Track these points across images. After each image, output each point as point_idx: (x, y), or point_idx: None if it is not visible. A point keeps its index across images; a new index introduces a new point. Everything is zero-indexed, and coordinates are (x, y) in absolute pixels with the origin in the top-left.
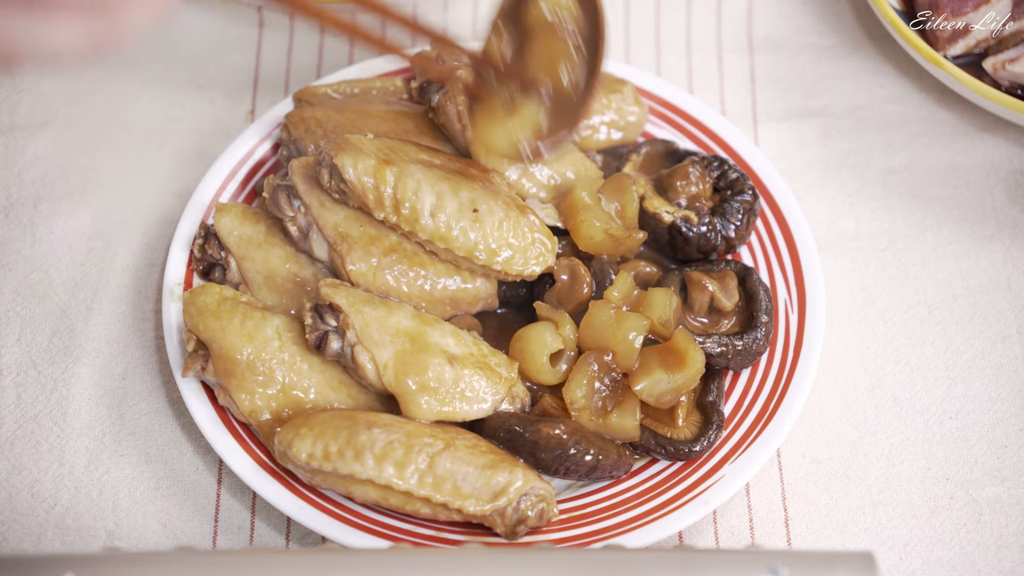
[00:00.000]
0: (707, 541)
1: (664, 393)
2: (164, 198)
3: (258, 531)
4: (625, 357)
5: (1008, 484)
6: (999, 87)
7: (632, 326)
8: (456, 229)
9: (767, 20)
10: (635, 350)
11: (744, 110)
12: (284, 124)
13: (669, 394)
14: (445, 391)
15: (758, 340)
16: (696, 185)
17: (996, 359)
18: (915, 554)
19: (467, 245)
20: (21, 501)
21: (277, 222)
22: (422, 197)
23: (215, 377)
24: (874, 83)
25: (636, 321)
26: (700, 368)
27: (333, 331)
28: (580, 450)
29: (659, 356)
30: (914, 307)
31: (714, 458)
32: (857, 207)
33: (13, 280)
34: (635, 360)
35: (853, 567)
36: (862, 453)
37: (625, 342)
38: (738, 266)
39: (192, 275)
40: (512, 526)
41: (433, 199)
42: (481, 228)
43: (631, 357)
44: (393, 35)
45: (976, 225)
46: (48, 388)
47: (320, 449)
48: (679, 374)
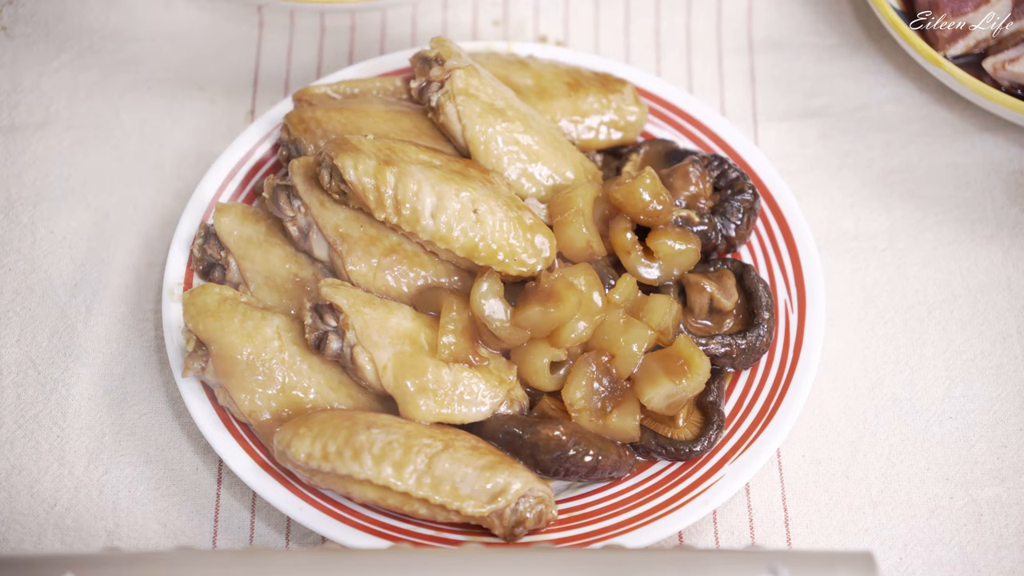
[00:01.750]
0: (707, 541)
1: (671, 401)
2: (164, 198)
3: (258, 531)
4: (625, 363)
5: (1008, 484)
6: (999, 87)
7: (636, 335)
8: (457, 230)
9: (767, 20)
10: (636, 358)
11: (744, 110)
12: (284, 124)
13: (676, 402)
14: (444, 393)
15: (761, 337)
16: (696, 185)
17: (996, 359)
18: (915, 554)
19: (468, 246)
20: (21, 501)
21: (277, 222)
22: (423, 198)
23: (215, 377)
24: (874, 83)
25: (641, 331)
26: (706, 374)
27: (333, 331)
28: (579, 451)
29: (662, 364)
30: (914, 307)
31: (714, 458)
32: (857, 207)
33: (13, 280)
34: (634, 367)
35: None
36: (862, 453)
37: (627, 349)
38: (735, 264)
39: (192, 275)
40: (510, 528)
41: (434, 200)
42: (482, 228)
43: (631, 364)
44: (392, 33)
45: (976, 225)
46: (48, 388)
47: (319, 449)
48: (686, 381)
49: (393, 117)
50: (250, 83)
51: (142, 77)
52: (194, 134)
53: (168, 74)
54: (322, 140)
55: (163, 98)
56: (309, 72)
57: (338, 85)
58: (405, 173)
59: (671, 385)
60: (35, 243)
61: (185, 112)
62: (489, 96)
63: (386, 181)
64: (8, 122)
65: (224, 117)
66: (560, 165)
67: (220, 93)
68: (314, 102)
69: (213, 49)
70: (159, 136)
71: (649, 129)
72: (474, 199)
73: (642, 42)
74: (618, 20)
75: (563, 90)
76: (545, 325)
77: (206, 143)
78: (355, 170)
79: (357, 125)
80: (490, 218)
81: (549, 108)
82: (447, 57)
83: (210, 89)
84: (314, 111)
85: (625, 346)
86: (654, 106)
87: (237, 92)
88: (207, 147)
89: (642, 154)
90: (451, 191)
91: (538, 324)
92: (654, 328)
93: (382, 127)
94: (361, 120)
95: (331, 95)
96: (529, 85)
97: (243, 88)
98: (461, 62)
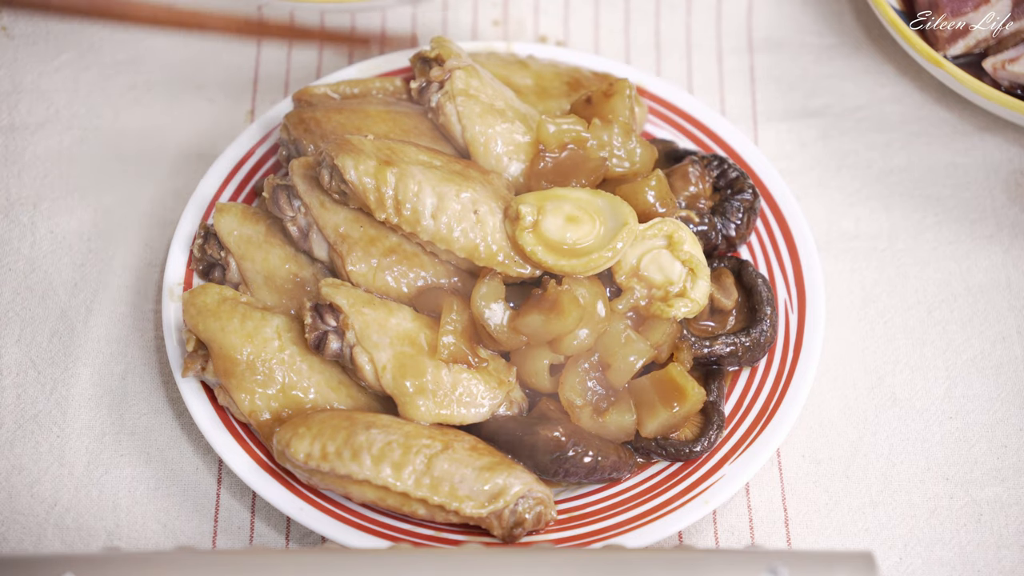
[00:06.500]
0: (707, 541)
1: (670, 426)
2: (164, 198)
3: (258, 531)
4: (619, 374)
5: (1008, 484)
6: (999, 87)
7: (636, 349)
8: (457, 231)
9: (767, 20)
10: (632, 371)
11: (744, 110)
12: (284, 124)
13: (675, 425)
14: (443, 394)
15: (764, 332)
16: (696, 185)
17: (996, 359)
18: (915, 554)
19: (468, 247)
20: (21, 501)
21: (277, 222)
22: (423, 198)
23: (215, 377)
24: (874, 83)
25: (642, 346)
26: (700, 399)
27: (332, 331)
28: (579, 452)
29: (658, 393)
30: (914, 307)
31: (714, 458)
32: (857, 207)
33: (13, 280)
34: (627, 380)
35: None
36: (862, 453)
37: (626, 362)
38: (731, 261)
39: (192, 275)
40: (509, 529)
41: (434, 200)
42: (482, 230)
43: (625, 377)
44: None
45: (976, 225)
46: (48, 388)
47: (318, 449)
48: (681, 408)
49: (393, 117)
50: (250, 83)
51: (142, 77)
52: (194, 134)
53: (168, 74)
54: (322, 140)
55: (163, 98)
56: (309, 72)
57: (338, 85)
58: (406, 174)
59: (667, 413)
60: (35, 243)
61: (185, 112)
62: (489, 97)
63: (386, 181)
64: (8, 122)
65: (224, 117)
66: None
67: (220, 93)
68: (314, 102)
69: (213, 49)
70: (159, 136)
71: (649, 129)
72: (475, 200)
73: (642, 42)
74: (618, 20)
75: (563, 90)
76: (544, 334)
77: (206, 143)
78: (355, 170)
79: (357, 125)
80: (491, 219)
81: (549, 108)
82: (447, 57)
83: (210, 89)
84: (314, 111)
85: (623, 358)
86: (654, 106)
87: (237, 92)
88: (207, 147)
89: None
90: (452, 192)
91: (537, 332)
92: (654, 343)
93: (382, 127)
94: (361, 120)
95: (331, 95)
96: (529, 85)
97: (243, 88)
98: (461, 62)
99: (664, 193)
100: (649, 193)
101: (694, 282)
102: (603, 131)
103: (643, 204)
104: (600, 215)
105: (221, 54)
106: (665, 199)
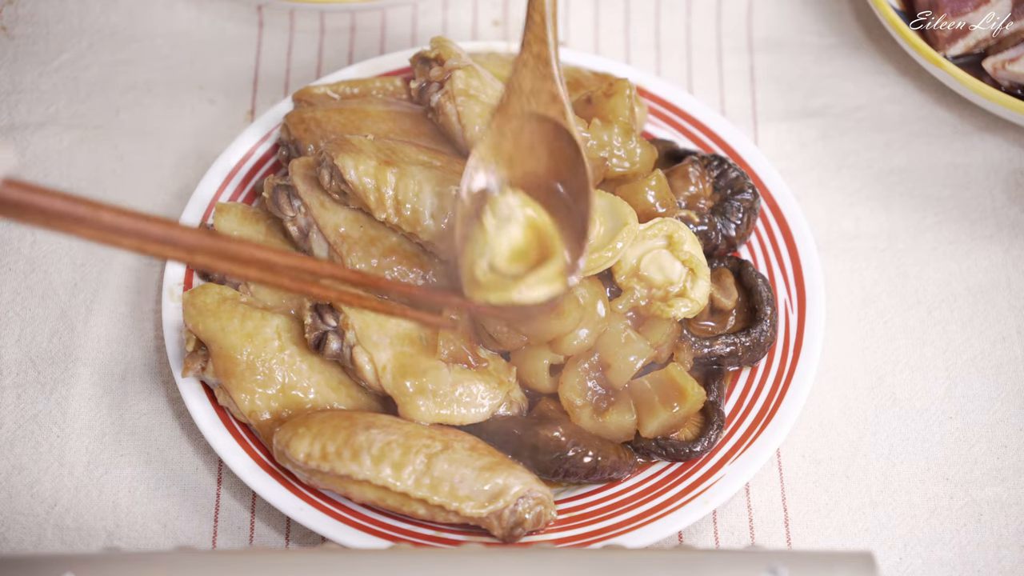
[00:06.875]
0: (707, 541)
1: (670, 426)
2: (164, 198)
3: (258, 531)
4: (619, 374)
5: (1008, 484)
6: (999, 87)
7: (636, 349)
8: None
9: (767, 20)
10: (632, 371)
11: (744, 110)
12: (284, 124)
13: (675, 425)
14: (443, 394)
15: (764, 332)
16: (696, 185)
17: (996, 359)
18: (915, 554)
19: None
20: (21, 501)
21: (277, 222)
22: (423, 199)
23: (215, 377)
24: (874, 83)
25: (642, 346)
26: (700, 399)
27: (332, 331)
28: (579, 451)
29: (658, 393)
30: (914, 307)
31: (714, 458)
32: (857, 207)
33: (13, 280)
34: (628, 380)
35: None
36: (862, 453)
37: (626, 362)
38: (731, 261)
39: (192, 275)
40: (509, 529)
41: (435, 201)
42: None
43: (625, 377)
44: (392, 33)
45: (976, 225)
46: (48, 388)
47: (318, 449)
48: (681, 408)
49: (393, 117)
50: (250, 83)
51: (142, 77)
52: (194, 134)
53: (168, 74)
54: (322, 140)
55: (163, 98)
56: (309, 72)
57: (338, 85)
58: (406, 174)
59: (667, 413)
60: (35, 243)
61: (185, 112)
62: (489, 97)
63: (387, 181)
64: (8, 122)
65: (224, 117)
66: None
67: (220, 93)
68: (314, 102)
69: (213, 49)
70: (159, 136)
71: (649, 129)
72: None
73: (642, 42)
74: (618, 20)
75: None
76: (543, 334)
77: (206, 143)
78: (356, 170)
79: (357, 125)
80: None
81: None
82: (447, 57)
83: (210, 89)
84: (314, 111)
85: (623, 358)
86: (654, 106)
87: (237, 92)
88: (207, 147)
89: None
90: (452, 192)
91: (536, 333)
92: (654, 343)
93: (382, 127)
94: (361, 120)
95: (331, 95)
96: None
97: (243, 88)
98: (461, 62)
99: (664, 193)
100: (649, 193)
101: (694, 282)
102: (603, 131)
103: (643, 204)
104: (600, 215)
105: (221, 54)
106: (665, 199)
